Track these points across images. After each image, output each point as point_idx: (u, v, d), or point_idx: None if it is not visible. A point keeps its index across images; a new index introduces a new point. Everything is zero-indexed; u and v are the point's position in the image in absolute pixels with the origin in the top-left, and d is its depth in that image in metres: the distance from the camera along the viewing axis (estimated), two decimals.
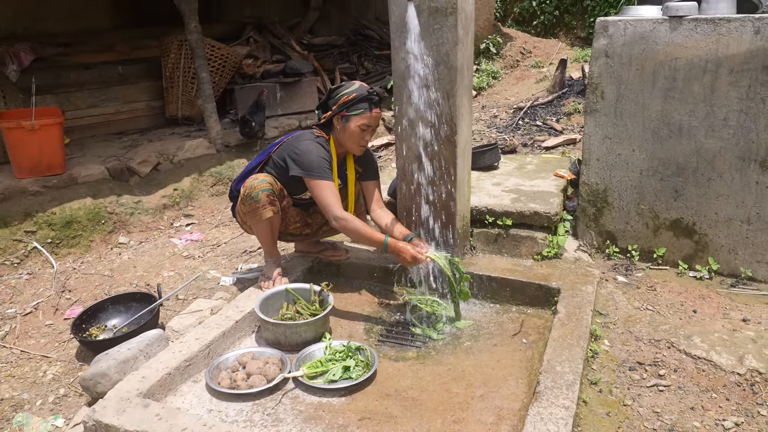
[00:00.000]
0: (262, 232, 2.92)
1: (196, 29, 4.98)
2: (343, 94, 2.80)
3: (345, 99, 2.78)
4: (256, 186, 2.78)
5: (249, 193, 2.79)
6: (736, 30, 2.79)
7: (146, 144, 5.23)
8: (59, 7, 5.93)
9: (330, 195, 2.74)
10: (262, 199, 2.78)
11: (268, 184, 2.80)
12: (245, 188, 2.82)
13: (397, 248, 2.71)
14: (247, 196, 2.80)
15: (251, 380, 2.31)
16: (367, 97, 2.78)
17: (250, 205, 2.80)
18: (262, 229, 2.90)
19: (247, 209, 2.82)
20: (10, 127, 4.10)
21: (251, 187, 2.79)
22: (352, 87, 2.82)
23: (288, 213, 2.98)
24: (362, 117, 2.77)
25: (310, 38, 7.71)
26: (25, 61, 5.12)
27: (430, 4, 2.68)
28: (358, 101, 2.76)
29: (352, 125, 2.78)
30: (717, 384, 2.31)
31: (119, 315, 2.99)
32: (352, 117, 2.78)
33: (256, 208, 2.80)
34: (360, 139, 2.82)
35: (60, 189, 4.23)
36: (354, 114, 2.77)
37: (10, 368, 2.73)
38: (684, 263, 3.18)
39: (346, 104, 2.78)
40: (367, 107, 2.77)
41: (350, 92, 2.79)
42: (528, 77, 7.07)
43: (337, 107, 2.80)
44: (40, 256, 3.78)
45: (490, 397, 2.27)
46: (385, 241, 2.72)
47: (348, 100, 2.77)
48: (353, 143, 2.84)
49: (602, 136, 3.20)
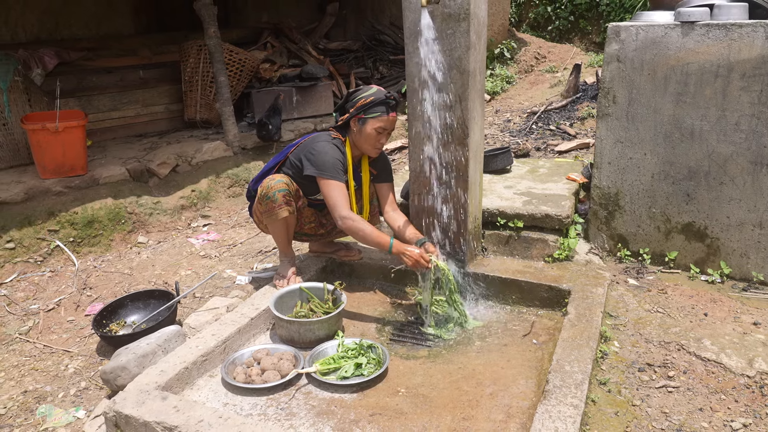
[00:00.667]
0: (277, 231, 2.99)
1: (215, 34, 5.09)
2: (360, 98, 2.87)
3: (363, 102, 2.84)
4: (273, 186, 2.85)
5: (266, 193, 2.86)
6: (748, 35, 2.81)
7: (165, 146, 5.35)
8: (83, 13, 6.09)
9: (338, 195, 2.80)
10: (279, 199, 2.84)
11: (284, 185, 2.86)
12: (262, 188, 2.89)
13: (400, 250, 2.76)
14: (264, 196, 2.87)
15: (266, 375, 2.37)
16: (385, 100, 2.84)
17: (266, 204, 2.87)
18: (278, 228, 2.97)
19: (264, 208, 2.89)
20: (35, 129, 4.22)
21: (268, 187, 2.86)
22: (370, 91, 2.89)
23: (303, 213, 3.05)
24: (379, 120, 2.83)
25: (326, 43, 7.81)
26: (50, 65, 5.25)
27: (443, 9, 2.73)
28: (375, 104, 2.83)
29: (369, 128, 2.85)
30: (726, 386, 2.32)
31: (138, 312, 3.08)
32: (369, 120, 2.84)
33: (273, 208, 2.86)
34: (376, 141, 2.88)
35: (82, 189, 4.34)
36: (371, 117, 2.83)
37: (34, 362, 2.82)
38: (696, 267, 3.19)
39: (363, 107, 2.84)
40: (384, 110, 2.84)
41: (368, 96, 2.86)
42: (542, 82, 7.09)
43: (354, 110, 2.87)
44: (62, 254, 3.88)
45: (500, 395, 2.31)
46: (390, 243, 2.77)
47: (366, 103, 2.84)
48: (369, 145, 2.90)
49: (614, 140, 3.23)
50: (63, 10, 5.93)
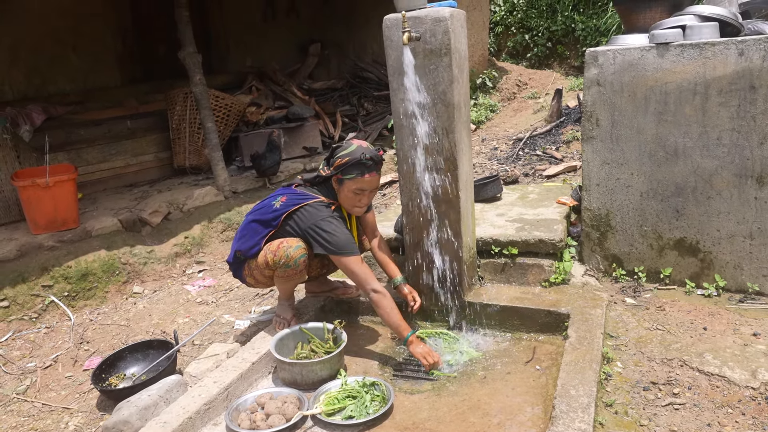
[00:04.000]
0: (286, 286, 3.00)
1: (201, 81, 5.16)
2: (338, 157, 2.81)
3: (339, 162, 2.78)
4: (292, 255, 2.75)
5: (285, 262, 2.76)
6: (721, 53, 2.89)
7: (156, 195, 5.36)
8: (69, 68, 6.18)
9: (364, 270, 2.78)
10: (301, 266, 2.79)
11: (303, 250, 2.78)
12: (277, 257, 2.76)
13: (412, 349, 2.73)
14: (283, 264, 2.77)
15: (270, 420, 2.35)
16: (359, 162, 2.75)
17: (285, 272, 2.80)
18: (290, 285, 2.99)
19: (281, 274, 2.83)
20: (26, 185, 4.23)
21: (287, 257, 2.75)
22: (347, 150, 2.80)
23: (311, 265, 3.04)
24: (355, 181, 2.77)
25: (311, 83, 7.93)
26: (37, 121, 5.30)
27: (425, 46, 2.80)
28: (350, 165, 2.76)
29: (346, 189, 2.81)
30: (732, 399, 2.32)
31: (137, 363, 3.04)
32: (346, 181, 2.79)
33: (294, 274, 2.83)
34: (356, 201, 2.84)
35: (75, 243, 4.33)
36: (347, 178, 2.78)
37: (33, 422, 2.77)
38: (691, 282, 3.21)
39: (339, 168, 2.79)
40: (360, 173, 2.76)
41: (344, 155, 2.78)
42: (525, 108, 7.21)
43: (333, 169, 2.83)
44: (57, 309, 3.85)
45: (507, 424, 2.29)
46: (406, 338, 2.73)
47: (341, 164, 2.77)
48: (349, 205, 2.87)
49: (600, 161, 3.28)
50: (49, 66, 6.01)
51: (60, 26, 6.02)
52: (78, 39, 6.20)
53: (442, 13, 2.74)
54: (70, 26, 6.10)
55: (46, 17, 5.90)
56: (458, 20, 2.86)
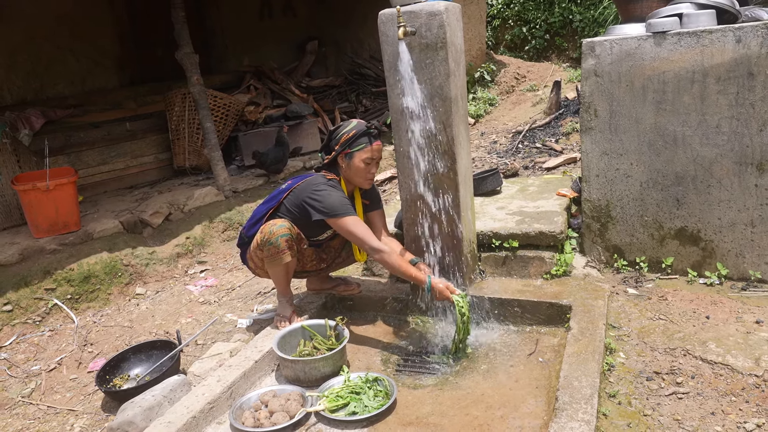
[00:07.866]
0: (278, 275, 2.99)
1: (198, 81, 5.16)
2: (342, 133, 2.91)
3: (345, 137, 2.89)
4: (275, 232, 2.82)
5: (268, 239, 2.83)
6: (718, 40, 2.88)
7: (157, 196, 5.37)
8: (67, 71, 6.18)
9: (362, 229, 2.81)
10: (282, 244, 2.83)
11: (286, 229, 2.84)
12: (263, 234, 2.85)
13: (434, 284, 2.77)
14: (266, 242, 2.83)
15: (274, 418, 2.35)
16: (366, 131, 2.90)
17: (268, 250, 2.85)
18: (279, 272, 2.97)
19: (266, 254, 2.87)
20: (26, 189, 4.23)
21: (270, 233, 2.83)
22: (350, 125, 2.94)
23: (305, 254, 3.05)
24: (364, 151, 2.88)
25: (309, 81, 7.92)
26: (37, 125, 5.30)
27: (421, 40, 2.79)
28: (358, 137, 2.88)
29: (356, 161, 2.88)
30: (735, 387, 2.32)
31: (141, 364, 3.05)
32: (355, 153, 2.88)
33: (276, 254, 2.85)
34: (366, 172, 2.92)
35: (77, 245, 4.34)
36: (356, 150, 2.87)
37: (38, 424, 2.78)
38: (693, 271, 3.20)
39: (347, 142, 2.88)
40: (368, 141, 2.89)
41: (349, 130, 2.90)
42: (524, 101, 7.20)
43: (339, 146, 2.90)
44: (60, 312, 3.86)
45: (511, 417, 2.29)
46: (428, 283, 2.76)
47: (348, 138, 2.88)
48: (361, 178, 2.93)
49: (600, 152, 3.27)
50: (48, 70, 6.01)
51: (57, 29, 6.01)
52: (76, 42, 6.19)
53: (437, 6, 2.74)
54: (67, 29, 6.09)
55: (43, 21, 5.89)
56: (454, 14, 2.85)
